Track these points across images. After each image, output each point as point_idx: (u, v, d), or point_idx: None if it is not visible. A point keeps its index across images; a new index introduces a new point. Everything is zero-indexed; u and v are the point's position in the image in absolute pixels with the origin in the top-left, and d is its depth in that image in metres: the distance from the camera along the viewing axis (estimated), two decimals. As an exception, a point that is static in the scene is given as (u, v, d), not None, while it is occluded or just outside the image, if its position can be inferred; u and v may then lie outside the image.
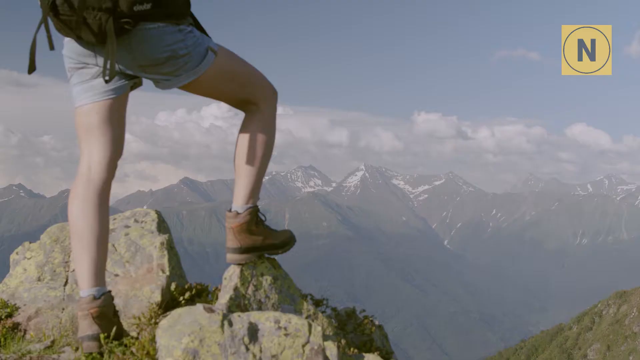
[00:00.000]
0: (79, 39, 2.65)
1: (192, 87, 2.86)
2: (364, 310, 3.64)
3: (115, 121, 2.80)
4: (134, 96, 2.98)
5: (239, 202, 3.06)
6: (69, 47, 2.75)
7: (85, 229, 2.72)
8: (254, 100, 3.01)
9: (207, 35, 2.88)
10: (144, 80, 2.86)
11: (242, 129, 3.06)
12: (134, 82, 2.85)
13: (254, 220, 3.09)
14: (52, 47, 2.65)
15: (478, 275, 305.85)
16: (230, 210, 3.08)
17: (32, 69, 2.69)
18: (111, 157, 2.80)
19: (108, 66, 2.59)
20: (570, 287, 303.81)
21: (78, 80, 2.77)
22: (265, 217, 3.17)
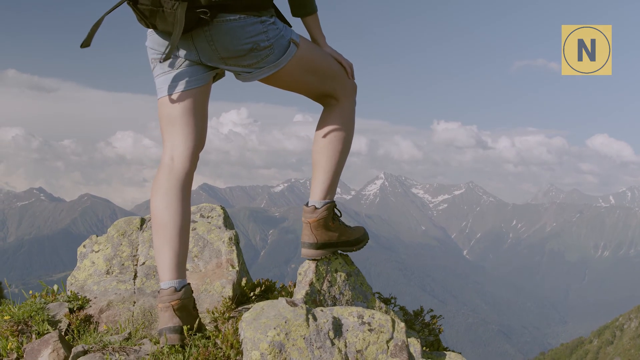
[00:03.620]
0: (156, 29, 2.64)
1: (273, 80, 2.84)
2: (431, 310, 3.59)
3: (198, 112, 2.79)
4: (153, 101, 2.92)
5: (316, 196, 3.03)
6: (151, 38, 2.75)
7: (168, 221, 2.70)
8: (334, 94, 2.98)
9: (290, 26, 2.85)
10: (152, 88, 2.83)
11: (321, 123, 3.03)
12: (217, 73, 2.84)
13: (331, 216, 3.06)
14: (87, 44, 2.64)
15: (497, 286, 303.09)
16: (307, 205, 3.05)
17: (86, 44, 2.62)
18: (194, 148, 2.79)
19: (168, 48, 2.57)
20: (591, 300, 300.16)
21: (160, 72, 2.76)
22: (340, 213, 3.13)
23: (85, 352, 2.61)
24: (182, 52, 2.70)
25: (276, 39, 2.72)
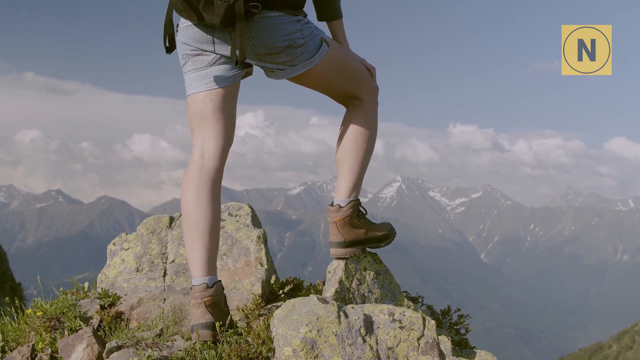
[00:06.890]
0: (201, 21, 2.64)
1: (303, 78, 2.87)
2: (458, 310, 3.58)
3: (228, 109, 2.82)
4: (170, 104, 2.88)
5: (341, 195, 3.05)
6: (185, 33, 2.76)
7: (200, 218, 2.73)
8: (359, 94, 3.00)
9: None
10: (169, 91, 2.87)
11: (345, 123, 3.05)
12: (246, 72, 2.87)
13: (356, 214, 3.07)
14: (174, 47, 2.71)
15: (515, 290, 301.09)
16: (332, 205, 3.07)
17: (173, 47, 2.74)
18: (224, 146, 2.82)
19: (237, 51, 2.60)
20: (610, 304, 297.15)
21: (192, 68, 2.79)
22: (366, 210, 3.15)
23: (119, 348, 2.65)
24: (217, 48, 2.72)
25: (310, 37, 2.77)
